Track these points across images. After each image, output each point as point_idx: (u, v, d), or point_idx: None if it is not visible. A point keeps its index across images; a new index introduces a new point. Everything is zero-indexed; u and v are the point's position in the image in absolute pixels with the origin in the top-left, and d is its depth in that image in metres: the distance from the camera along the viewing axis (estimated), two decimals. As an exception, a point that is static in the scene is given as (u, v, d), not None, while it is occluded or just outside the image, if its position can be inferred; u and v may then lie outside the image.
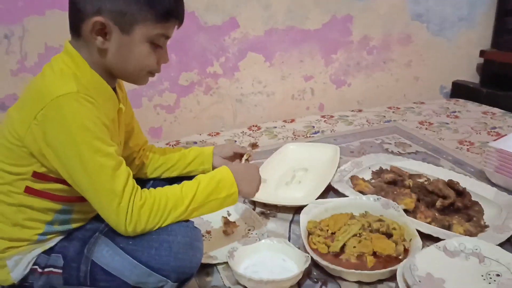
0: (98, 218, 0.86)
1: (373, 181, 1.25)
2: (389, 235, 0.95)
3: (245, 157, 1.05)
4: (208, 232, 1.03)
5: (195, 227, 0.81)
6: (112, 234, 0.79)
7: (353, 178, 1.22)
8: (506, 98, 1.94)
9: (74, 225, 0.83)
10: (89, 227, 0.85)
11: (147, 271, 0.74)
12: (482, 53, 2.14)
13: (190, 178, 1.03)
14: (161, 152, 1.05)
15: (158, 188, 0.80)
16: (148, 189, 0.80)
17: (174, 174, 1.03)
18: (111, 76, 0.79)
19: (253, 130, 1.76)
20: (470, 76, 2.24)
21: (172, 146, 1.61)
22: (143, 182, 1.02)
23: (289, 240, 1.02)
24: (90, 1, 0.71)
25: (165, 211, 0.76)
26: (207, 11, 1.61)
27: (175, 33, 1.35)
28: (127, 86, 0.90)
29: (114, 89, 0.82)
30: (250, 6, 1.67)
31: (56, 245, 0.80)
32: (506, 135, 1.32)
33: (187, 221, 0.80)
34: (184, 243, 0.76)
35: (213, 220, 1.06)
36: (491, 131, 1.70)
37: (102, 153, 0.70)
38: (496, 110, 1.94)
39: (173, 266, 0.74)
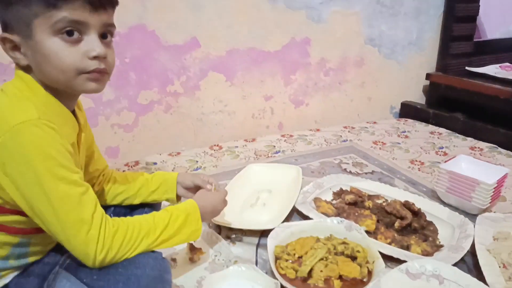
0: (56, 250, 0.82)
1: (334, 202, 1.29)
2: (353, 258, 0.98)
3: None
4: (173, 260, 1.00)
5: (164, 258, 0.78)
6: (74, 268, 0.75)
7: (316, 200, 1.25)
8: (451, 119, 2.08)
9: (32, 259, 0.78)
10: (47, 260, 0.80)
11: (114, 307, 0.71)
12: (428, 76, 2.28)
13: (152, 205, 1.02)
14: (123, 177, 1.01)
15: (128, 217, 0.78)
16: (110, 216, 0.78)
17: (136, 201, 1.00)
18: (64, 95, 0.73)
19: (214, 150, 1.75)
20: (418, 97, 2.39)
21: (131, 166, 1.56)
22: (103, 209, 0.98)
23: (256, 264, 1.02)
24: None
25: (138, 238, 0.74)
26: (168, 30, 1.60)
27: (134, 51, 1.29)
28: (83, 104, 0.86)
29: (74, 112, 0.78)
30: (212, 26, 1.68)
31: (11, 281, 0.75)
32: (454, 156, 1.41)
33: (154, 252, 0.77)
34: (153, 277, 0.73)
35: (178, 246, 1.03)
36: (439, 151, 1.81)
37: (67, 181, 0.67)
38: (442, 130, 2.08)
39: (142, 301, 0.71)
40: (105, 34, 0.71)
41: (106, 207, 0.98)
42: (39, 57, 0.67)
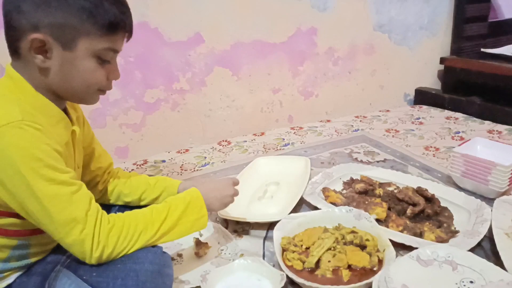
0: (58, 249, 0.82)
1: (344, 191, 1.25)
2: (362, 247, 0.95)
3: None
4: (180, 255, 0.99)
5: (164, 252, 0.77)
6: (74, 265, 0.75)
7: (324, 190, 1.22)
8: (468, 103, 2.01)
9: (34, 259, 0.78)
10: (49, 259, 0.80)
11: (113, 303, 0.70)
12: (442, 60, 2.21)
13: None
14: (127, 179, 0.99)
15: (126, 212, 0.76)
16: (115, 213, 0.77)
17: (141, 204, 0.98)
18: (58, 96, 0.74)
19: (223, 145, 1.73)
20: (432, 82, 2.32)
21: (140, 165, 1.56)
22: (108, 207, 0.97)
23: (263, 257, 1.00)
24: (25, 16, 0.64)
25: (134, 234, 0.73)
26: (170, 26, 1.59)
27: (138, 49, 1.29)
28: (89, 106, 0.86)
29: (66, 110, 0.78)
30: (215, 20, 1.66)
31: (14, 281, 0.75)
32: (469, 139, 1.35)
33: (155, 246, 0.76)
34: (152, 271, 0.72)
35: (184, 242, 1.02)
36: (455, 136, 1.75)
37: (55, 181, 0.66)
38: (458, 115, 2.01)
39: (141, 296, 0.70)
40: None
41: (110, 206, 0.99)
42: (71, 68, 0.69)
